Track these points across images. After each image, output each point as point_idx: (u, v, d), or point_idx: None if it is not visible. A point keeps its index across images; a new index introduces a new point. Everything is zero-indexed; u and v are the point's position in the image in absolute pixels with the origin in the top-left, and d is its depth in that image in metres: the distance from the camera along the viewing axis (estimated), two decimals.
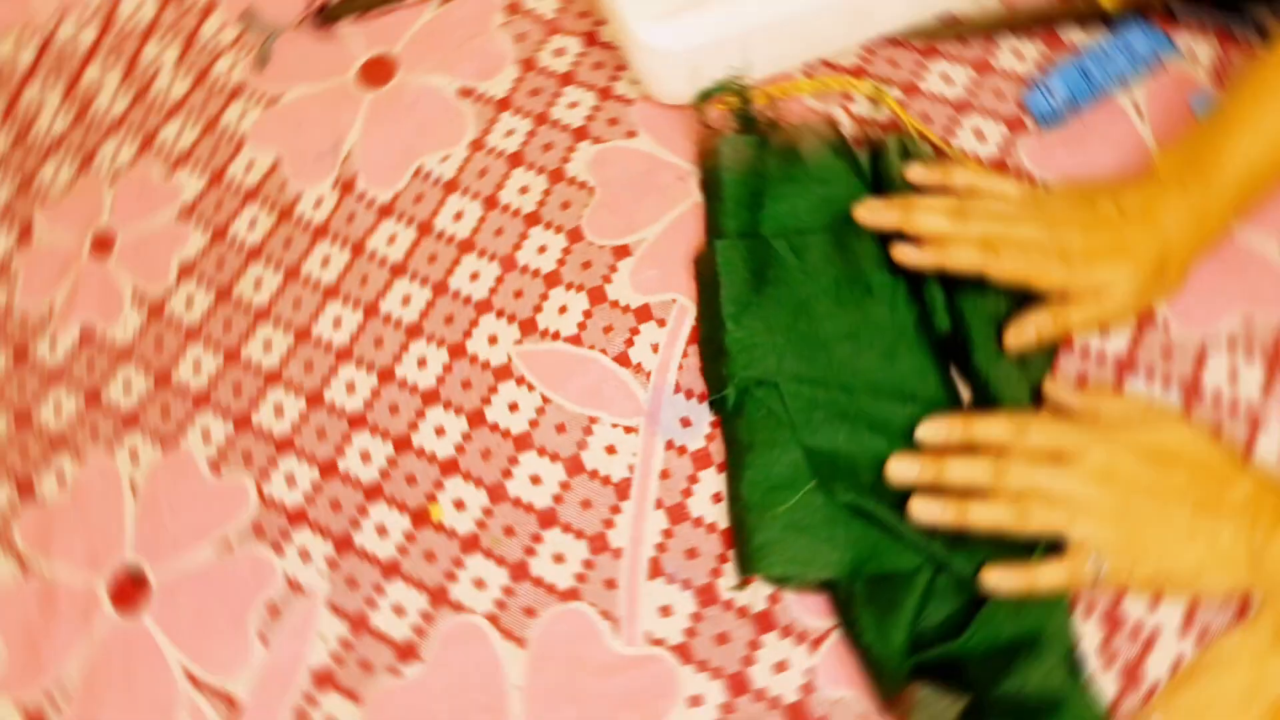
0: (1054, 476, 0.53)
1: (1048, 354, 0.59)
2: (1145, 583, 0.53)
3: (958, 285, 0.60)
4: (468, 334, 0.66)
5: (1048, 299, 0.57)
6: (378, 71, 0.76)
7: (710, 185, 0.65)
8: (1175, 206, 0.57)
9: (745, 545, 0.56)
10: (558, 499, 0.61)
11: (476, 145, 0.72)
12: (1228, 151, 0.57)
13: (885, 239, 0.61)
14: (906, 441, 0.57)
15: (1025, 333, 0.58)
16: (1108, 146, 0.64)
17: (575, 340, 0.65)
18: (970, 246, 0.58)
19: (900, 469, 0.55)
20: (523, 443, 0.62)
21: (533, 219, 0.69)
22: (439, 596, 0.60)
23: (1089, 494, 0.52)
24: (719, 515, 0.59)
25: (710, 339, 0.61)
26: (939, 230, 0.59)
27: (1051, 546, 0.53)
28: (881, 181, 0.64)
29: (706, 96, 0.67)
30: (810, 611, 0.56)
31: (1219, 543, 0.51)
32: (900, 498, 0.55)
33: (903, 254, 0.60)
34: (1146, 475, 0.53)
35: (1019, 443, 0.54)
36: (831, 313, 0.60)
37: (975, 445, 0.55)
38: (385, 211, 0.71)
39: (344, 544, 0.62)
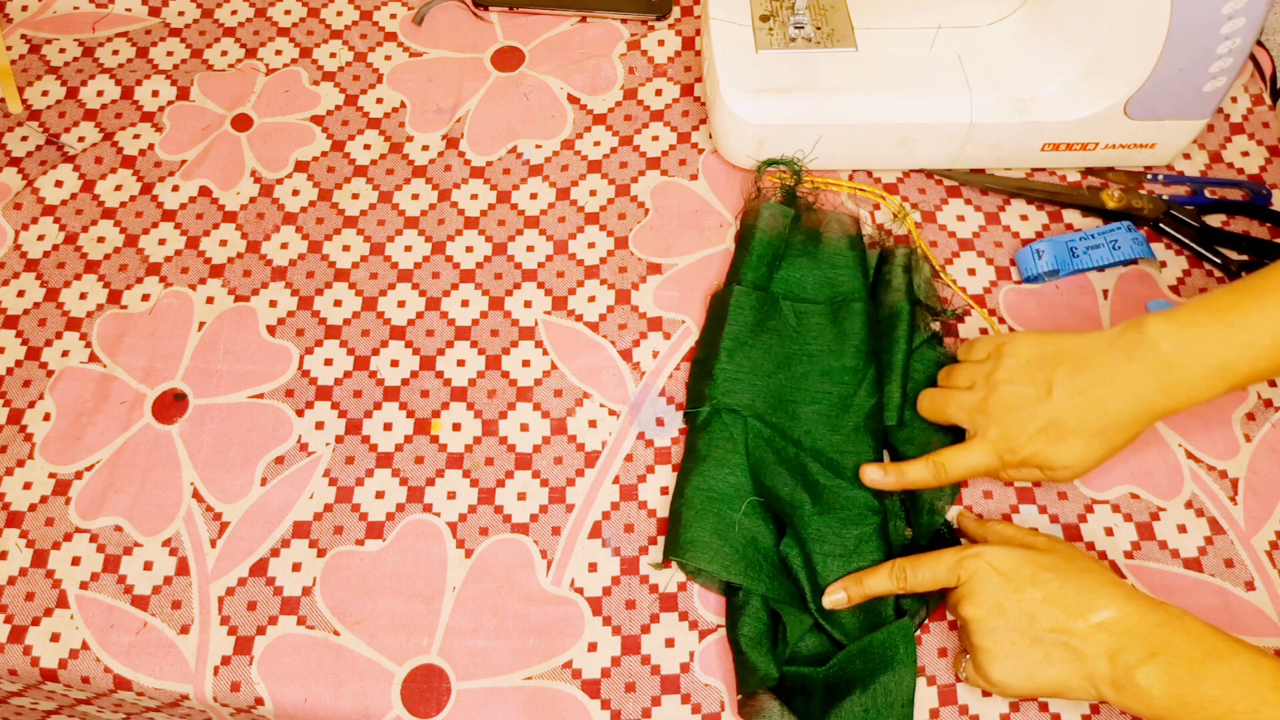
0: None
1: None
2: (1013, 694, 0.49)
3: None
4: (509, 293, 0.66)
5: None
6: (508, 58, 0.76)
7: (743, 238, 0.65)
8: (1131, 381, 0.51)
9: (676, 535, 0.56)
10: (536, 449, 0.61)
11: (567, 144, 0.72)
12: (1220, 341, 0.50)
13: (874, 328, 0.61)
14: (825, 507, 0.56)
15: (970, 523, 0.57)
16: (1070, 313, 0.64)
17: (594, 327, 0.65)
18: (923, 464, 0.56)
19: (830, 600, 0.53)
20: (524, 394, 0.63)
21: (592, 218, 0.69)
22: (415, 495, 0.60)
23: (962, 622, 0.50)
24: (661, 505, 0.59)
25: (702, 362, 0.61)
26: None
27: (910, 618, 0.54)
28: (879, 282, 0.64)
29: (766, 165, 0.67)
30: (707, 607, 0.56)
31: (1080, 664, 0.47)
32: (806, 550, 0.55)
33: (870, 477, 0.57)
34: (996, 594, 0.49)
35: (903, 589, 0.52)
36: (807, 375, 0.60)
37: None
38: (477, 173, 0.71)
39: (354, 427, 0.62)
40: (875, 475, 0.57)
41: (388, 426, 0.62)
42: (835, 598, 0.54)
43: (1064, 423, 0.52)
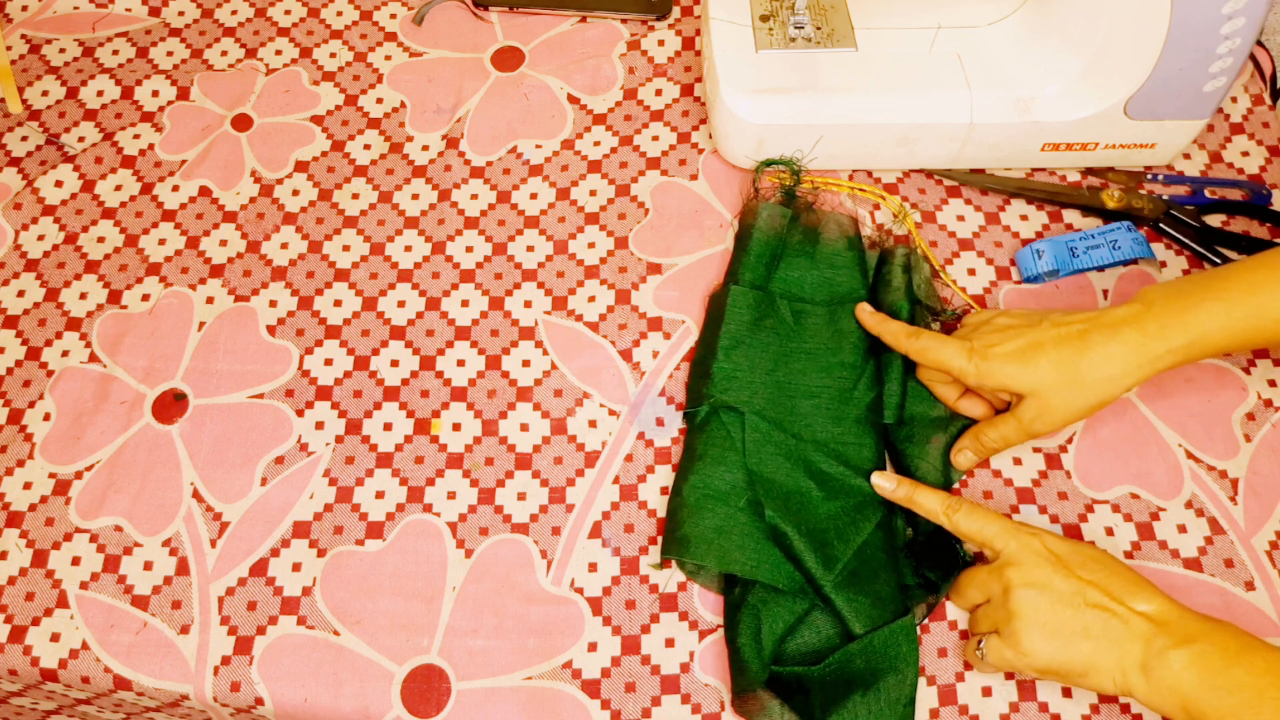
0: (974, 574, 0.52)
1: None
2: (1036, 672, 0.49)
3: (913, 389, 0.60)
4: (509, 293, 0.66)
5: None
6: (508, 58, 0.76)
7: (742, 238, 0.65)
8: (1117, 331, 0.52)
9: (674, 533, 0.56)
10: (536, 449, 0.61)
11: (567, 144, 0.72)
12: (1204, 311, 0.52)
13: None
14: (831, 493, 0.57)
15: (962, 458, 0.58)
16: None
17: (594, 327, 0.65)
18: (901, 325, 0.59)
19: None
20: (524, 394, 0.63)
21: (592, 218, 0.69)
22: (415, 495, 0.60)
23: (995, 589, 0.50)
24: (660, 504, 0.59)
25: (701, 362, 0.61)
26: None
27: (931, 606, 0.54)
28: (879, 282, 0.64)
29: (766, 165, 0.67)
30: (706, 607, 0.56)
31: (1114, 643, 0.47)
32: (810, 538, 0.55)
33: (861, 312, 0.60)
34: (1046, 574, 0.49)
35: (948, 520, 0.53)
36: (805, 371, 0.60)
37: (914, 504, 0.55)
38: (477, 173, 0.71)
39: (354, 427, 0.62)
40: (887, 486, 0.56)
41: (388, 426, 0.62)
42: (886, 482, 0.55)
43: (1042, 344, 0.53)
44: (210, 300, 0.66)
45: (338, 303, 0.66)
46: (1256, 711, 0.44)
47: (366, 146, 0.72)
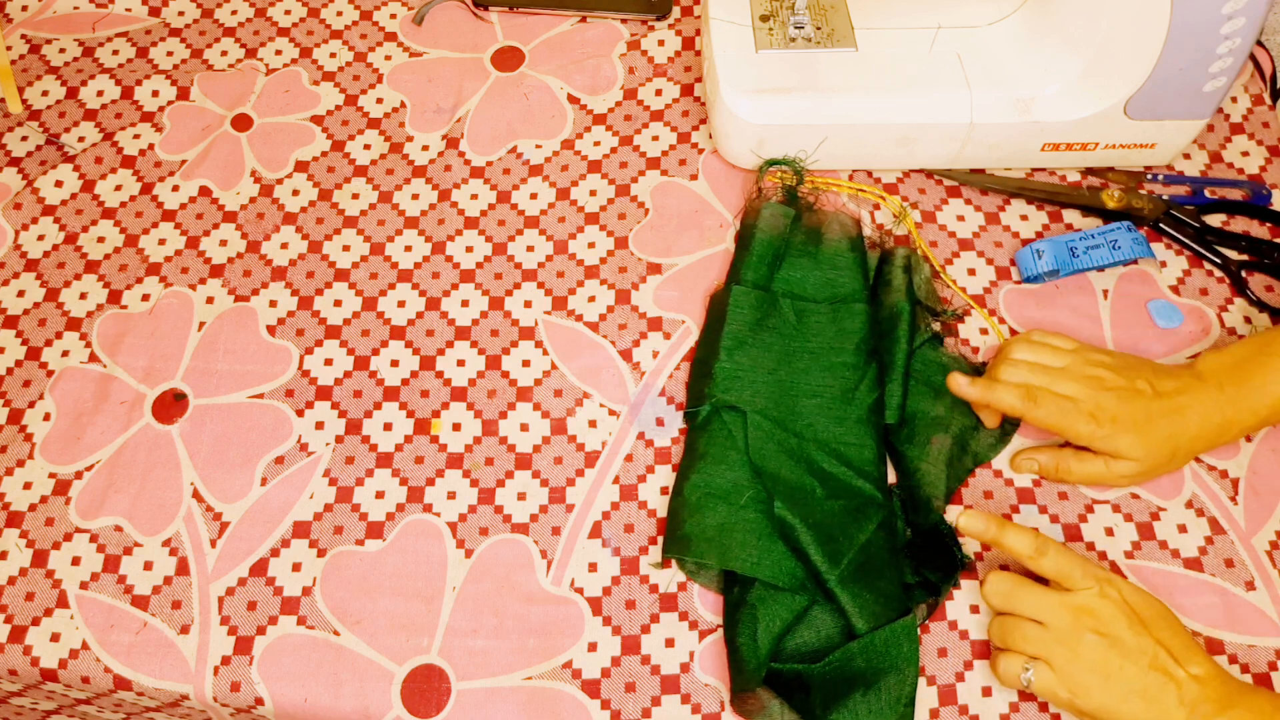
0: (1041, 597, 0.52)
1: (967, 469, 0.59)
2: (1076, 712, 0.50)
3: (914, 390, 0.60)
4: (509, 293, 0.66)
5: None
6: (508, 58, 0.76)
7: (744, 238, 0.65)
8: (1204, 405, 0.55)
9: (675, 532, 0.56)
10: (536, 449, 0.61)
11: (567, 144, 0.72)
12: (1272, 373, 0.54)
13: (875, 328, 0.61)
14: (834, 492, 0.57)
15: (1027, 463, 0.58)
16: (1071, 313, 0.64)
17: (594, 327, 0.65)
18: (1014, 392, 0.56)
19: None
20: (524, 394, 0.63)
21: (592, 218, 0.69)
22: (415, 495, 0.60)
23: (1062, 622, 0.51)
24: (660, 504, 0.59)
25: (703, 362, 0.61)
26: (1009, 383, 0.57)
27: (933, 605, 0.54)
28: (879, 282, 0.64)
29: (768, 165, 0.67)
30: (706, 607, 0.56)
31: (1163, 708, 0.48)
32: (816, 532, 0.55)
33: (955, 383, 0.58)
34: (1120, 627, 0.50)
35: (1034, 562, 0.52)
36: (808, 370, 0.60)
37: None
38: (477, 173, 0.71)
39: (354, 427, 0.62)
40: (977, 525, 0.54)
41: (388, 426, 0.62)
42: (975, 522, 0.53)
43: (1153, 417, 0.55)
44: (210, 300, 0.66)
45: (338, 303, 0.66)
46: None
47: (366, 146, 0.72)
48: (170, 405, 0.62)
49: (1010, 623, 0.52)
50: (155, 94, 0.75)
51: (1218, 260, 0.65)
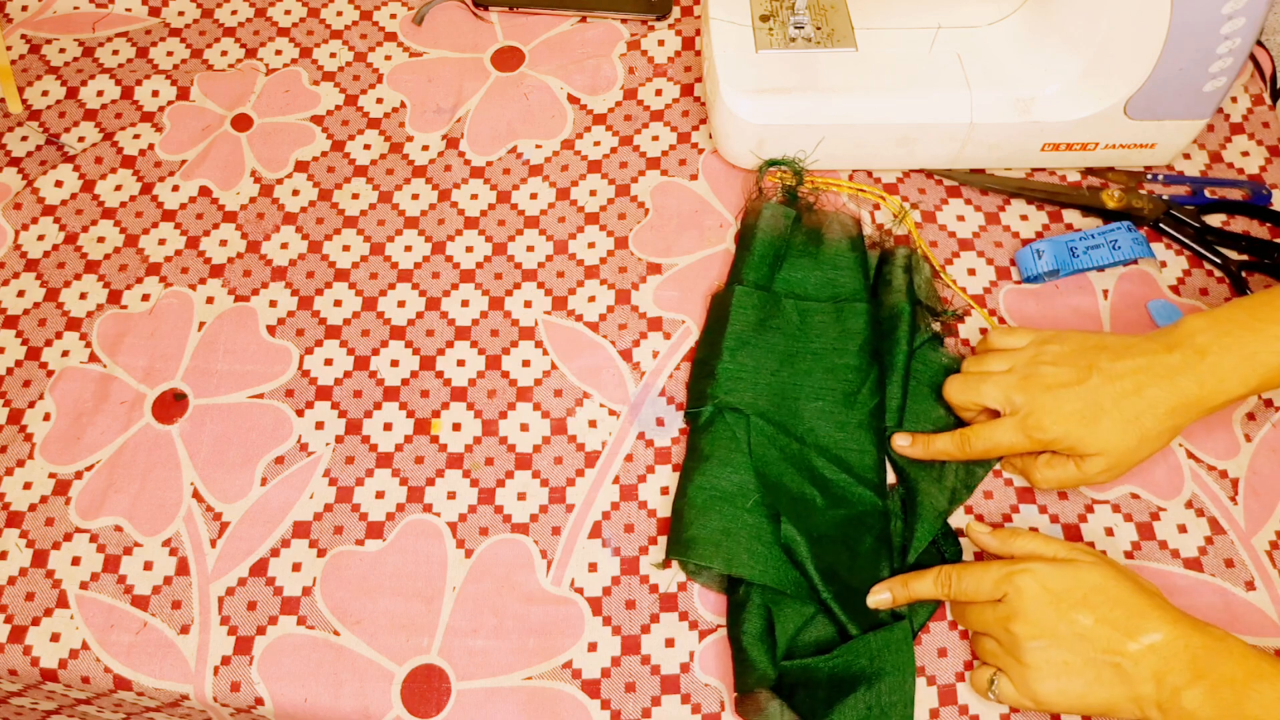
0: (978, 613, 0.51)
1: (970, 471, 0.59)
2: (1060, 711, 0.49)
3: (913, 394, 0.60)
4: (509, 293, 0.66)
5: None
6: (508, 58, 0.76)
7: (744, 239, 0.65)
8: (1170, 379, 0.52)
9: (679, 534, 0.56)
10: (536, 449, 0.61)
11: (567, 144, 0.72)
12: (1263, 339, 0.51)
13: (877, 328, 0.61)
14: (834, 501, 0.57)
15: (1004, 469, 0.58)
16: (1071, 313, 0.64)
17: (594, 327, 0.65)
18: (948, 440, 0.56)
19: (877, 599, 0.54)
20: (524, 394, 0.63)
21: (592, 218, 0.69)
22: (415, 495, 0.60)
23: (1000, 634, 0.50)
24: (661, 505, 0.59)
25: (704, 362, 0.61)
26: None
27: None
28: (879, 282, 0.64)
29: (768, 165, 0.67)
30: (706, 607, 0.56)
31: (1128, 688, 0.47)
32: (816, 547, 0.55)
33: (896, 445, 0.58)
34: (1050, 621, 0.48)
35: (946, 598, 0.53)
36: (810, 372, 0.60)
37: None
38: (477, 173, 0.71)
39: (354, 427, 0.62)
40: (903, 442, 0.57)
41: (388, 426, 0.62)
42: (880, 598, 0.54)
43: (1100, 404, 0.52)
44: (210, 300, 0.66)
45: (338, 303, 0.66)
46: None
47: (366, 146, 0.72)
48: (170, 405, 0.62)
49: (973, 636, 0.53)
50: (155, 94, 0.75)
51: (1218, 260, 0.65)
